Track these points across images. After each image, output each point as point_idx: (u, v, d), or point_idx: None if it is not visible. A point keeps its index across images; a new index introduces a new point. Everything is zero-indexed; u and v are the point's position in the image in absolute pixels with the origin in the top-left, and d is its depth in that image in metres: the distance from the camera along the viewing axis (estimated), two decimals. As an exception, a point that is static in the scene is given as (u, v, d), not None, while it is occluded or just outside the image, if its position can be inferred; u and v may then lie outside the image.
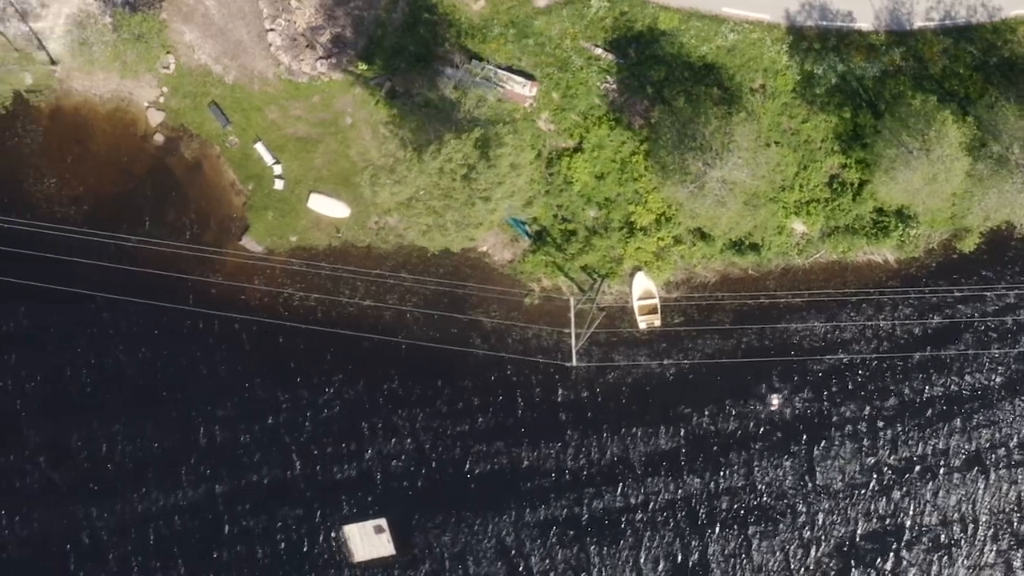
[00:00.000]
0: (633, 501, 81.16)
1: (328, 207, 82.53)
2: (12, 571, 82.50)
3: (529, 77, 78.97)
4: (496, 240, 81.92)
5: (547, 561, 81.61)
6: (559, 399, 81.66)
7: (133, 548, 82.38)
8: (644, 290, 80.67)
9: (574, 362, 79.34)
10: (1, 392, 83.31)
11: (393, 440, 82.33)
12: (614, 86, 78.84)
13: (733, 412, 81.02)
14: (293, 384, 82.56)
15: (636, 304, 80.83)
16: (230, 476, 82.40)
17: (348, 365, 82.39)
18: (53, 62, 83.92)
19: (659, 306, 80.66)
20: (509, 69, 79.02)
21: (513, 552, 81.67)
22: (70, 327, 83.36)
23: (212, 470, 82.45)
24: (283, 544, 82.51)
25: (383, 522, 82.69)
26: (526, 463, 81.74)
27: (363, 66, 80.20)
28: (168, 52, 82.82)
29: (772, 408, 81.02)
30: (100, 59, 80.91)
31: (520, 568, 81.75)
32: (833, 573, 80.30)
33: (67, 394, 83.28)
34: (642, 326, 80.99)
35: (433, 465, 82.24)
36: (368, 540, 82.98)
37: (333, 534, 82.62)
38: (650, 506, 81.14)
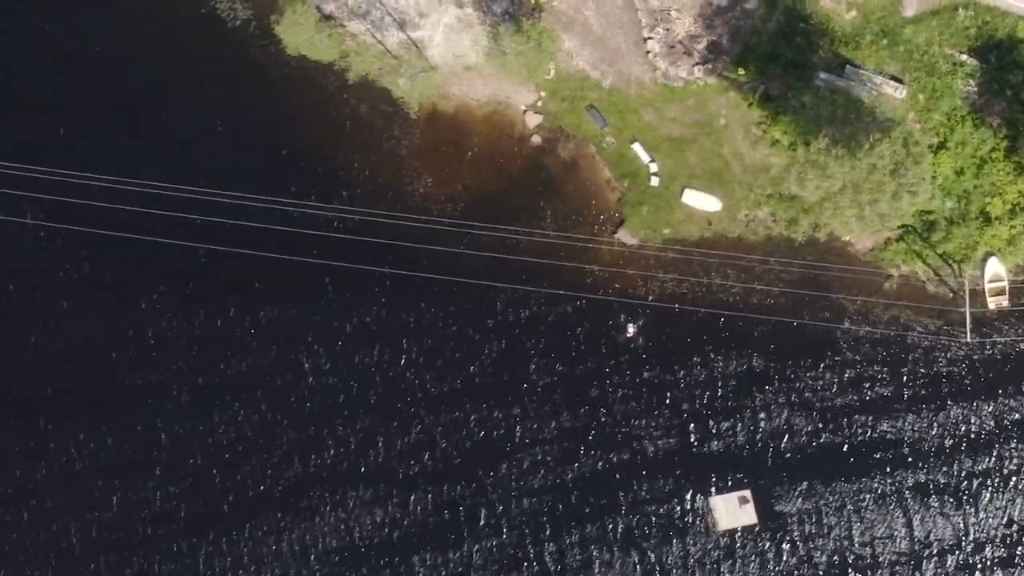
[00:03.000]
0: (1001, 465, 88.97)
1: (701, 201, 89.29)
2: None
3: (897, 81, 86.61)
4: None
5: (917, 527, 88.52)
6: (948, 371, 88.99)
7: (509, 524, 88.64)
8: (994, 273, 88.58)
9: (968, 338, 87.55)
10: (391, 382, 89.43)
11: (764, 415, 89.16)
12: (975, 88, 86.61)
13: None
14: (675, 364, 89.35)
15: (987, 286, 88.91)
16: (617, 451, 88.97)
17: (730, 344, 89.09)
18: (431, 68, 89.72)
19: (1007, 288, 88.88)
20: (878, 73, 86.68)
21: (881, 521, 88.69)
22: (461, 317, 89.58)
23: (600, 445, 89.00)
24: (655, 514, 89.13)
25: (748, 493, 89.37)
26: (896, 436, 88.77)
27: (740, 71, 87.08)
28: (550, 59, 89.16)
29: (628, 336, 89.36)
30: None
31: (889, 534, 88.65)
32: None
33: (447, 384, 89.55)
34: (991, 306, 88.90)
35: (801, 439, 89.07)
36: (732, 511, 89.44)
37: (700, 505, 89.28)
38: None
